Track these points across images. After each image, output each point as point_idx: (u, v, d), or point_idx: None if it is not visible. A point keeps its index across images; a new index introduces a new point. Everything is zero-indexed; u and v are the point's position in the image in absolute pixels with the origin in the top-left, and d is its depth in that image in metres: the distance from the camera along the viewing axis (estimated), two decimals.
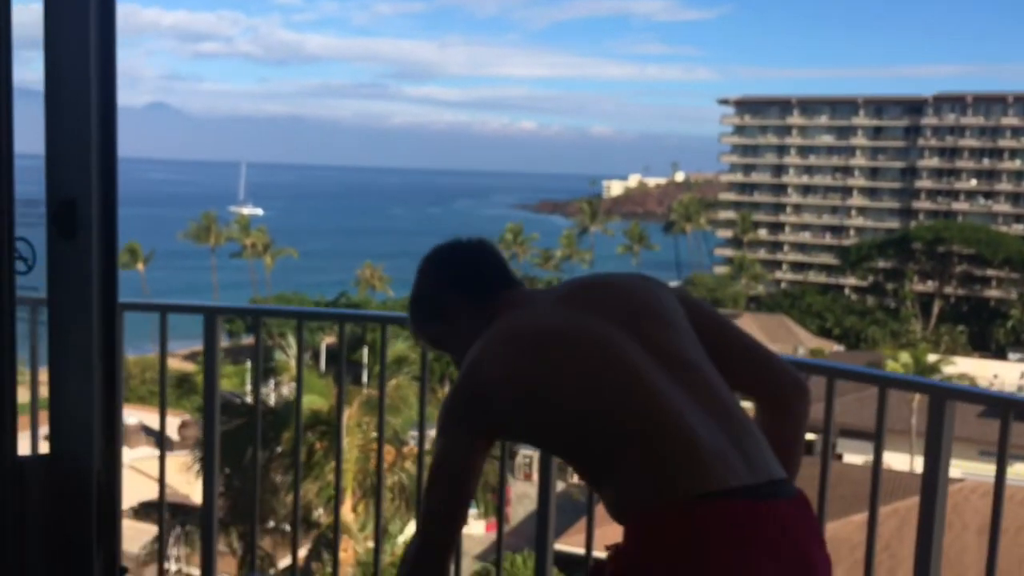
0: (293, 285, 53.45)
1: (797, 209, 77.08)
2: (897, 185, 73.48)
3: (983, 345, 52.25)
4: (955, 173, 71.10)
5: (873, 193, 74.78)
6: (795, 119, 76.68)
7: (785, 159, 77.17)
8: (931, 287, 62.31)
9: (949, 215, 69.97)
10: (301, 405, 3.45)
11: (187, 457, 16.49)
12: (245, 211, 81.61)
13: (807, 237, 75.77)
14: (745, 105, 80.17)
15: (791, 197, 77.14)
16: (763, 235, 76.77)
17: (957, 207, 70.55)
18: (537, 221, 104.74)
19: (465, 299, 1.85)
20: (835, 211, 75.61)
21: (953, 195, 71.15)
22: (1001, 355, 49.37)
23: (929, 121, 71.66)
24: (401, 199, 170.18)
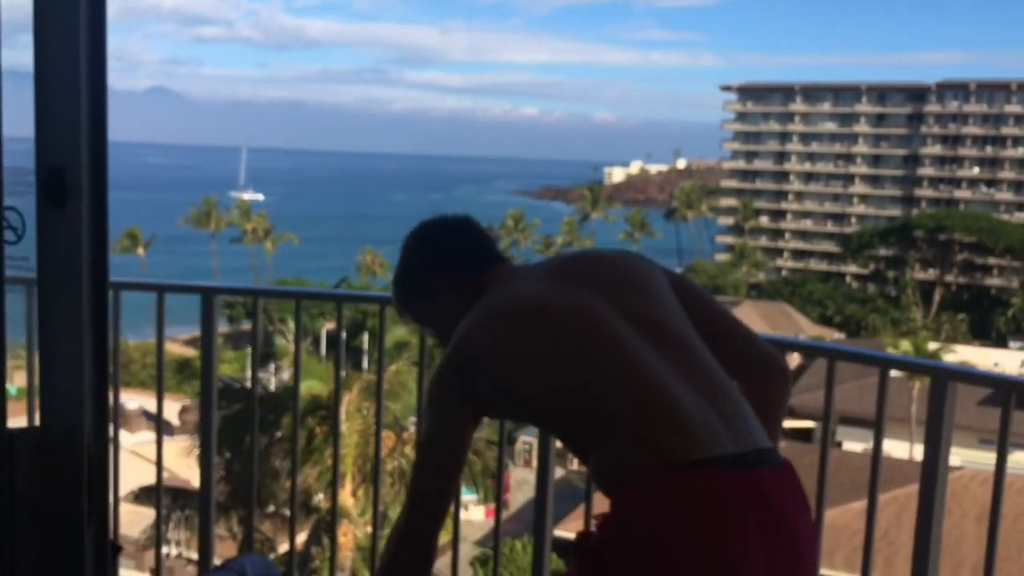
0: (294, 271, 53.43)
1: (799, 196, 77.00)
2: (899, 173, 73.36)
3: (984, 333, 52.26)
4: (957, 161, 70.98)
5: (875, 181, 74.67)
6: (798, 106, 76.49)
7: (787, 146, 77.02)
8: (932, 275, 62.29)
9: (951, 203, 69.89)
10: (299, 386, 3.44)
11: (187, 442, 16.50)
12: (246, 196, 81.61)
13: (808, 225, 75.72)
14: (748, 92, 79.99)
15: (793, 184, 77.04)
16: (764, 222, 76.71)
17: (959, 195, 70.45)
18: (538, 207, 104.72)
19: (451, 275, 1.86)
20: (837, 199, 75.52)
21: (955, 183, 71.04)
22: (1002, 343, 49.40)
23: (932, 108, 71.49)
24: (402, 185, 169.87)
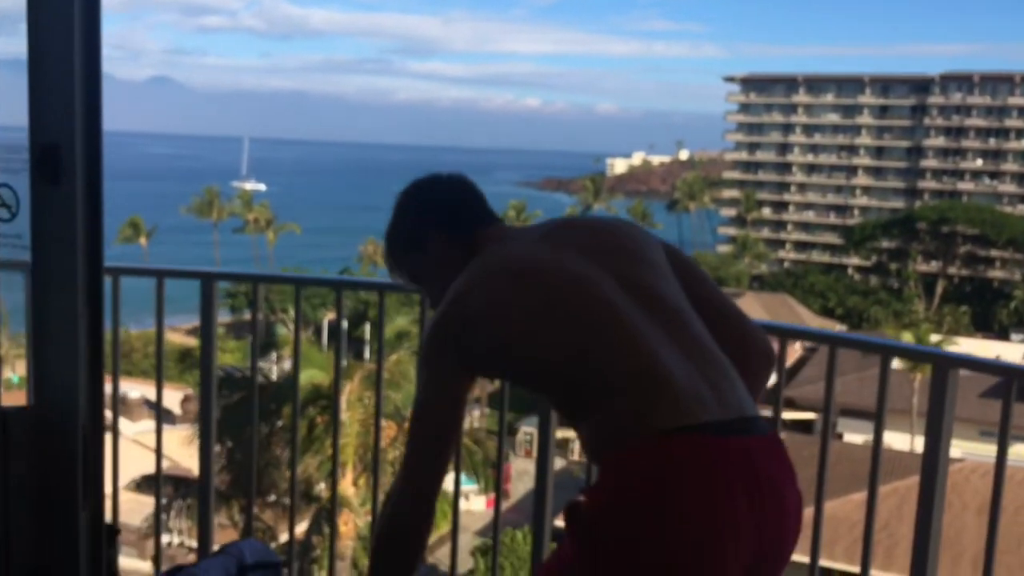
0: (296, 261, 53.42)
1: (801, 188, 76.83)
2: (902, 164, 73.16)
3: (986, 326, 52.18)
4: (961, 153, 70.78)
5: (878, 172, 74.49)
6: (801, 97, 76.26)
7: (790, 137, 76.83)
8: (935, 267, 62.19)
9: (954, 195, 69.71)
10: (300, 375, 3.43)
11: (189, 431, 16.52)
12: (248, 186, 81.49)
13: (811, 216, 75.57)
14: (751, 83, 79.75)
15: (796, 176, 76.87)
16: (767, 214, 76.58)
17: (962, 187, 70.27)
18: (541, 198, 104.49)
19: (446, 233, 1.85)
20: (839, 190, 75.34)
21: (958, 175, 70.86)
22: (1004, 336, 49.37)
23: (935, 100, 71.25)
24: (404, 175, 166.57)
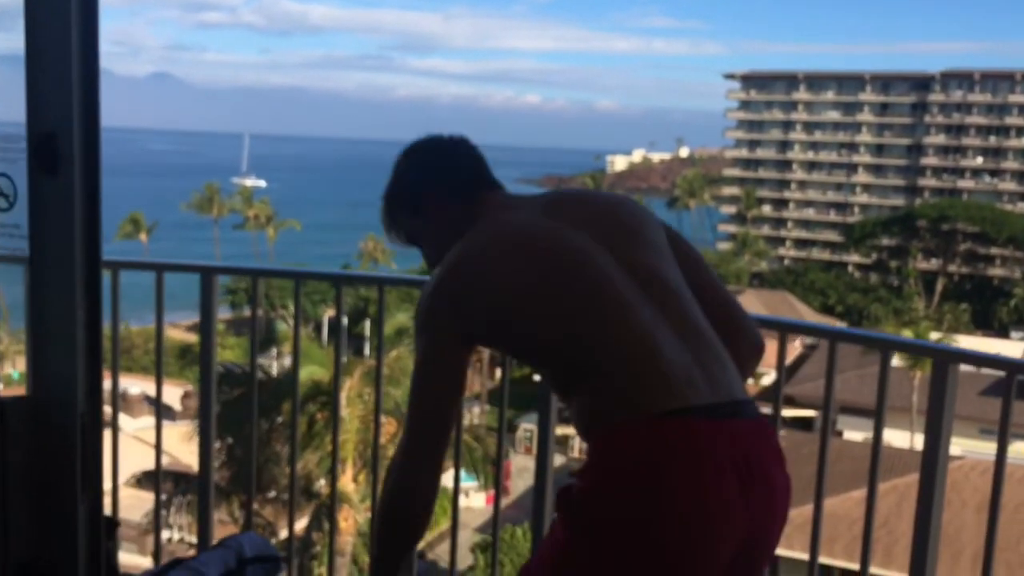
0: (296, 257, 53.40)
1: (802, 185, 76.79)
2: (903, 162, 73.13)
3: (986, 324, 52.16)
4: (961, 150, 70.74)
5: (878, 170, 74.46)
6: (801, 94, 76.21)
7: (790, 135, 76.78)
8: (935, 265, 62.17)
9: (954, 193, 69.69)
10: (299, 371, 3.43)
11: (189, 427, 16.52)
12: (248, 183, 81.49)
13: (811, 214, 75.53)
14: (751, 80, 79.67)
15: (796, 173, 76.82)
16: (767, 211, 76.53)
17: (962, 185, 70.24)
18: None
19: (446, 196, 1.81)
20: (840, 188, 75.31)
21: (959, 173, 70.83)
22: (1004, 334, 49.36)
23: (936, 98, 71.22)
24: None
